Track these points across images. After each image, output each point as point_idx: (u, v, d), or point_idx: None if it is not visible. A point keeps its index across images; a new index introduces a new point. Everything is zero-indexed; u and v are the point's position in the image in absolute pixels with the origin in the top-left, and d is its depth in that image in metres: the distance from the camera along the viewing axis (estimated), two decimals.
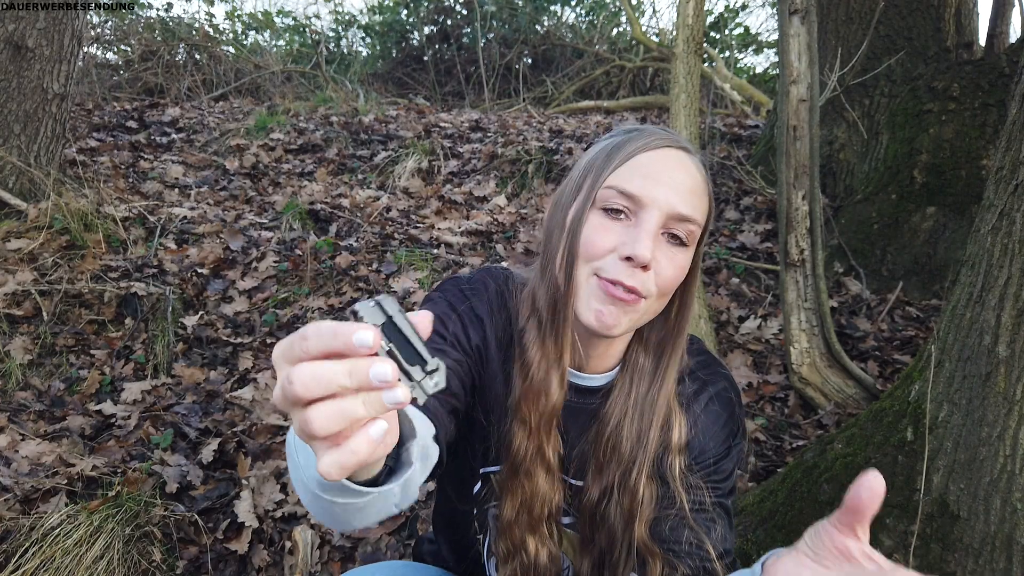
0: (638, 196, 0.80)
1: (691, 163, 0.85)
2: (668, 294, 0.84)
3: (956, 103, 2.80)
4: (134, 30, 6.45)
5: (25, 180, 3.01)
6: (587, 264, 0.81)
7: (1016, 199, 1.18)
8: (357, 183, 3.92)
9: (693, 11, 2.61)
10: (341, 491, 0.54)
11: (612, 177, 0.82)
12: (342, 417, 0.43)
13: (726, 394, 0.95)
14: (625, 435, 0.89)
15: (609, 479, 0.90)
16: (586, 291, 0.81)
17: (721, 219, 3.36)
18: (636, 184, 0.81)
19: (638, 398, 0.90)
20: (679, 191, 0.81)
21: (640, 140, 0.84)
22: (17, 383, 2.27)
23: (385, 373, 0.43)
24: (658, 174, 0.81)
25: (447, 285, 0.94)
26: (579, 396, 0.93)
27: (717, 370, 0.96)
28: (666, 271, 0.81)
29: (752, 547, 1.48)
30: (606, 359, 0.93)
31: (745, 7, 7.54)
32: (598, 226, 0.81)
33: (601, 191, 0.82)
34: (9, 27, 2.90)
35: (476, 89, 6.88)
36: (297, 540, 1.67)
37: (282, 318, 2.59)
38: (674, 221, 0.81)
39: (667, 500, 0.90)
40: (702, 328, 2.42)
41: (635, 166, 0.82)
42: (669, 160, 0.83)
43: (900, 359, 2.31)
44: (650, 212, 0.80)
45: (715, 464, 0.93)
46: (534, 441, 0.88)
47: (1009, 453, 1.16)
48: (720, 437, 0.93)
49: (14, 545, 1.59)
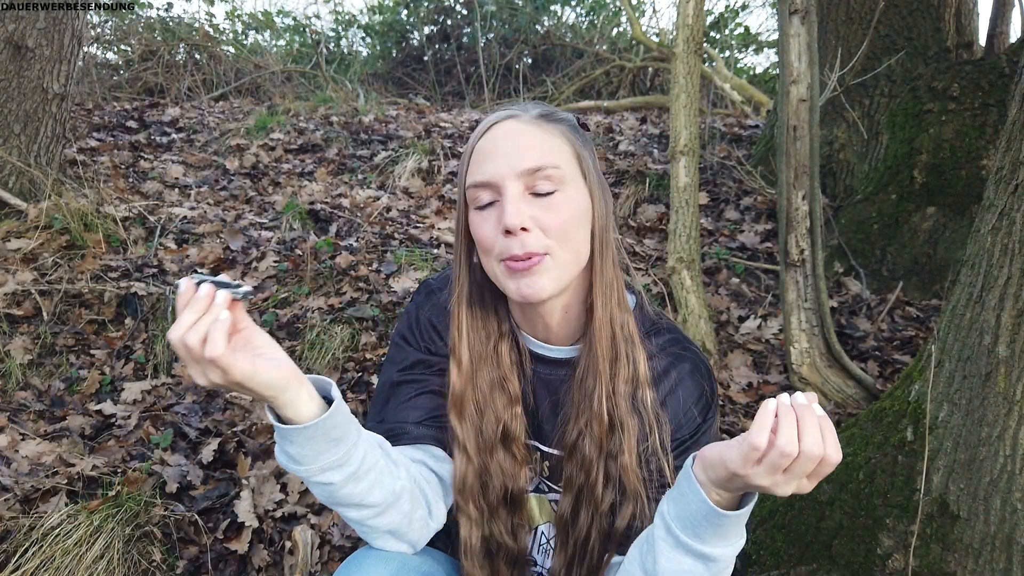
0: (487, 180, 0.88)
1: (520, 125, 0.91)
2: (570, 238, 0.89)
3: (956, 103, 2.80)
4: (134, 30, 6.45)
5: (25, 180, 3.01)
6: (488, 256, 0.90)
7: (1016, 199, 1.19)
8: (357, 183, 3.92)
9: (693, 11, 2.61)
10: (287, 436, 0.78)
11: (468, 177, 0.91)
12: (199, 327, 0.71)
13: (697, 370, 0.99)
14: (594, 380, 0.95)
15: (585, 419, 0.96)
16: (502, 277, 0.90)
17: (721, 219, 3.36)
18: (483, 171, 0.89)
19: (599, 343, 0.95)
20: (517, 152, 0.88)
21: (476, 133, 0.93)
22: (17, 383, 2.27)
23: (201, 289, 0.73)
24: (492, 151, 0.89)
25: (394, 335, 1.08)
26: (551, 367, 1.01)
27: (687, 346, 1.01)
28: (549, 221, 0.87)
29: (752, 547, 1.48)
30: (568, 326, 0.99)
31: (745, 7, 7.54)
32: (478, 222, 0.90)
33: (468, 194, 0.91)
34: (9, 27, 2.90)
35: (476, 89, 6.88)
36: (297, 540, 1.67)
37: (282, 318, 2.59)
38: (527, 176, 0.87)
39: (642, 434, 0.96)
40: (702, 328, 2.42)
41: (477, 156, 0.91)
42: (498, 133, 0.90)
43: (900, 359, 2.32)
44: (504, 184, 0.87)
45: (692, 439, 0.97)
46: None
47: (1009, 453, 1.16)
48: (693, 413, 0.98)
49: (14, 545, 1.59)
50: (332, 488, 0.82)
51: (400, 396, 1.00)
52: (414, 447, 0.97)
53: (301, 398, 0.77)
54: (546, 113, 0.93)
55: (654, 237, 3.20)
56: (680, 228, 2.54)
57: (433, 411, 0.99)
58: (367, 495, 0.84)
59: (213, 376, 0.72)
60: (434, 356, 1.01)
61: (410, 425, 0.98)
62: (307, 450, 0.78)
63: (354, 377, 2.32)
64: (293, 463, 0.80)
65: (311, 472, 0.80)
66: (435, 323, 1.03)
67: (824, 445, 0.68)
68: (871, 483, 1.34)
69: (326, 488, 0.82)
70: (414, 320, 1.04)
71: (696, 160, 2.60)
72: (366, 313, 2.52)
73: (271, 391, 0.75)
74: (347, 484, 0.82)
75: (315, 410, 0.78)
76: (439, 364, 1.01)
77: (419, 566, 0.93)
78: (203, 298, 0.72)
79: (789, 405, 0.71)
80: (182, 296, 0.73)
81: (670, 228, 2.59)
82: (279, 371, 0.75)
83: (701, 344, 2.38)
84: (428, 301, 1.05)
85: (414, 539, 0.93)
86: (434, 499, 0.94)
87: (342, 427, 0.79)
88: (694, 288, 2.47)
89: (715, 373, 2.33)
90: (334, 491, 0.82)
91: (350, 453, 0.81)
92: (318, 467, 0.79)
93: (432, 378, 1.00)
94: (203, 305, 0.72)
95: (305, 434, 0.77)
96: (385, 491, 0.85)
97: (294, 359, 2.42)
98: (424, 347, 1.02)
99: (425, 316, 1.04)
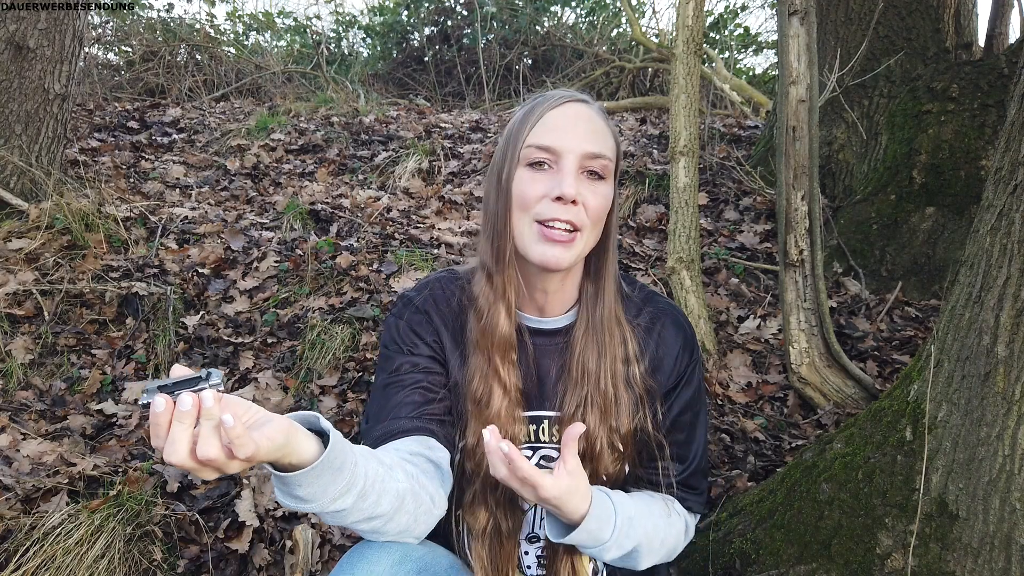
0: (553, 147, 0.96)
1: (590, 111, 1.01)
2: (600, 222, 1.00)
3: (955, 104, 2.81)
4: (135, 31, 6.45)
5: (26, 180, 3.02)
6: (525, 213, 0.97)
7: (1015, 199, 1.19)
8: (358, 183, 3.92)
9: (693, 12, 2.61)
10: (296, 482, 0.76)
11: (530, 137, 0.98)
12: (183, 439, 0.66)
13: (676, 319, 1.12)
14: (590, 354, 1.04)
15: (585, 391, 1.05)
16: (530, 237, 0.97)
17: (720, 219, 3.37)
18: (550, 137, 0.96)
19: (593, 320, 1.06)
20: (586, 135, 0.97)
21: (545, 102, 1.00)
22: (18, 383, 2.28)
23: (183, 402, 0.66)
24: (565, 125, 0.97)
25: (380, 345, 1.13)
26: (546, 338, 1.09)
27: (667, 302, 1.14)
28: (592, 201, 0.97)
29: (751, 547, 1.48)
30: (563, 296, 1.08)
31: (745, 8, 7.54)
32: (527, 179, 0.97)
33: (523, 151, 0.98)
34: (10, 27, 2.91)
35: (476, 90, 6.88)
36: (298, 539, 1.68)
37: (283, 318, 2.59)
38: (588, 159, 0.97)
39: (633, 406, 1.07)
40: (701, 328, 2.42)
41: (545, 123, 0.98)
42: (570, 111, 0.99)
43: (899, 359, 2.32)
44: (567, 157, 0.96)
45: (686, 376, 1.09)
46: (492, 369, 1.03)
47: (1008, 453, 1.16)
48: (683, 355, 1.10)
49: (15, 544, 1.60)
50: (345, 512, 0.83)
51: (391, 396, 1.04)
52: (411, 439, 1.00)
53: (302, 443, 0.76)
54: (603, 109, 1.04)
55: (653, 237, 3.21)
56: (680, 228, 2.55)
57: (423, 404, 1.03)
58: (376, 507, 0.86)
59: (232, 469, 0.70)
60: (417, 357, 1.07)
61: (403, 420, 1.02)
62: (316, 488, 0.78)
63: (355, 377, 2.32)
64: (303, 503, 0.79)
65: (323, 506, 0.80)
66: (414, 327, 1.09)
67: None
68: (870, 483, 1.34)
69: (339, 514, 0.83)
70: (395, 329, 1.10)
71: (696, 160, 2.60)
72: (366, 313, 2.52)
73: (280, 452, 0.73)
74: (358, 503, 0.83)
75: (315, 448, 0.78)
76: (424, 364, 1.07)
77: (421, 556, 0.95)
78: (190, 411, 0.66)
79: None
80: (161, 415, 0.66)
81: (669, 228, 2.60)
82: (281, 429, 0.73)
83: (701, 344, 2.38)
84: (406, 310, 1.11)
85: (420, 532, 0.97)
86: (434, 489, 0.97)
87: (342, 454, 0.79)
88: (693, 288, 2.47)
89: (715, 373, 2.34)
90: (347, 514, 0.83)
91: (354, 473, 0.81)
92: (329, 499, 0.79)
93: (418, 375, 1.05)
94: (193, 417, 0.67)
95: (313, 474, 0.76)
96: (391, 497, 0.87)
97: (294, 359, 2.42)
98: (407, 350, 1.08)
99: (404, 323, 1.09)
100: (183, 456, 0.66)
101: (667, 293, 2.63)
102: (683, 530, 1.10)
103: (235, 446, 0.66)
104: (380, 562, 0.90)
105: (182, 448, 0.66)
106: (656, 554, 1.04)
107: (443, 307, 1.10)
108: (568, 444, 0.87)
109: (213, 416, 0.66)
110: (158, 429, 0.67)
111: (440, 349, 1.08)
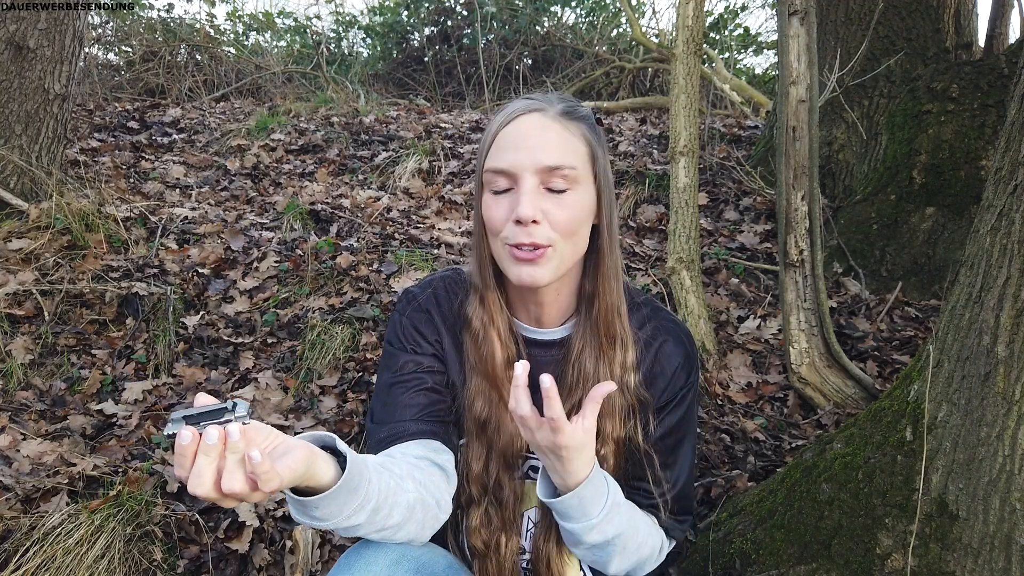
0: (508, 169, 0.93)
1: (545, 119, 0.95)
2: (574, 233, 0.95)
3: (955, 104, 2.81)
4: (135, 31, 6.45)
5: (26, 180, 3.02)
6: (496, 237, 0.97)
7: (1015, 200, 1.19)
8: (358, 183, 3.92)
9: (693, 12, 2.61)
10: (314, 505, 0.77)
11: (488, 161, 0.96)
12: (208, 472, 0.67)
13: (679, 337, 1.10)
14: (587, 357, 1.03)
15: (580, 396, 1.02)
16: (506, 259, 0.96)
17: (720, 219, 3.37)
18: (504, 159, 0.94)
19: (591, 320, 1.03)
20: (541, 148, 0.92)
21: (499, 118, 0.97)
22: (18, 383, 2.28)
23: (210, 435, 0.66)
24: (517, 143, 0.93)
25: (384, 342, 1.13)
26: (543, 349, 1.08)
27: (667, 315, 1.12)
28: (558, 216, 0.93)
29: (751, 547, 1.48)
30: (559, 306, 1.06)
31: (745, 8, 7.54)
32: (492, 204, 0.96)
33: (485, 176, 0.97)
34: (10, 27, 2.91)
35: (476, 90, 6.88)
36: (298, 539, 1.68)
37: (283, 318, 2.59)
38: (546, 174, 0.93)
39: (625, 414, 1.05)
40: (701, 328, 2.42)
41: (499, 144, 0.95)
42: (523, 126, 0.94)
43: (899, 359, 2.32)
44: (523, 176, 0.92)
45: (680, 396, 1.07)
46: (498, 396, 1.04)
47: (1008, 453, 1.17)
48: (680, 374, 1.07)
49: (15, 544, 1.60)
50: (359, 526, 0.83)
51: (396, 396, 1.04)
52: (415, 443, 1.00)
53: (320, 468, 0.76)
54: (569, 110, 0.97)
55: (653, 237, 3.21)
56: (679, 228, 2.55)
57: (428, 407, 1.03)
58: (388, 519, 0.86)
59: (255, 499, 0.70)
60: (421, 356, 1.07)
61: (409, 423, 1.01)
62: (332, 508, 0.78)
63: (355, 377, 2.32)
64: (319, 522, 0.80)
65: (338, 523, 0.80)
66: (417, 325, 1.09)
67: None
68: (870, 483, 1.35)
69: (352, 528, 0.83)
70: (399, 326, 1.10)
71: (695, 161, 2.60)
72: (367, 313, 2.52)
73: (300, 480, 0.73)
74: (371, 517, 0.83)
75: (332, 471, 0.78)
76: (427, 363, 1.06)
77: (419, 556, 0.95)
78: (216, 445, 0.66)
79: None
80: (187, 447, 0.66)
81: (669, 228, 2.60)
82: (303, 459, 0.72)
83: (701, 344, 2.38)
84: (409, 306, 1.11)
85: (426, 537, 0.97)
86: (440, 494, 0.97)
87: (358, 475, 0.79)
88: (693, 288, 2.47)
89: (715, 373, 2.34)
90: (360, 528, 0.84)
91: (368, 491, 0.82)
92: (344, 516, 0.80)
93: (423, 376, 1.05)
94: (219, 450, 0.67)
95: (330, 498, 0.77)
96: (402, 508, 0.88)
97: (295, 359, 2.42)
98: (411, 348, 1.07)
99: (408, 320, 1.09)
100: (208, 488, 0.66)
101: (667, 293, 2.63)
102: (658, 547, 1.08)
103: (261, 481, 0.67)
104: (378, 562, 0.90)
105: (207, 481, 0.66)
106: (629, 558, 1.01)
107: (445, 308, 1.10)
108: (590, 403, 0.86)
109: (239, 450, 0.67)
110: (183, 460, 0.67)
111: (440, 348, 1.09)
